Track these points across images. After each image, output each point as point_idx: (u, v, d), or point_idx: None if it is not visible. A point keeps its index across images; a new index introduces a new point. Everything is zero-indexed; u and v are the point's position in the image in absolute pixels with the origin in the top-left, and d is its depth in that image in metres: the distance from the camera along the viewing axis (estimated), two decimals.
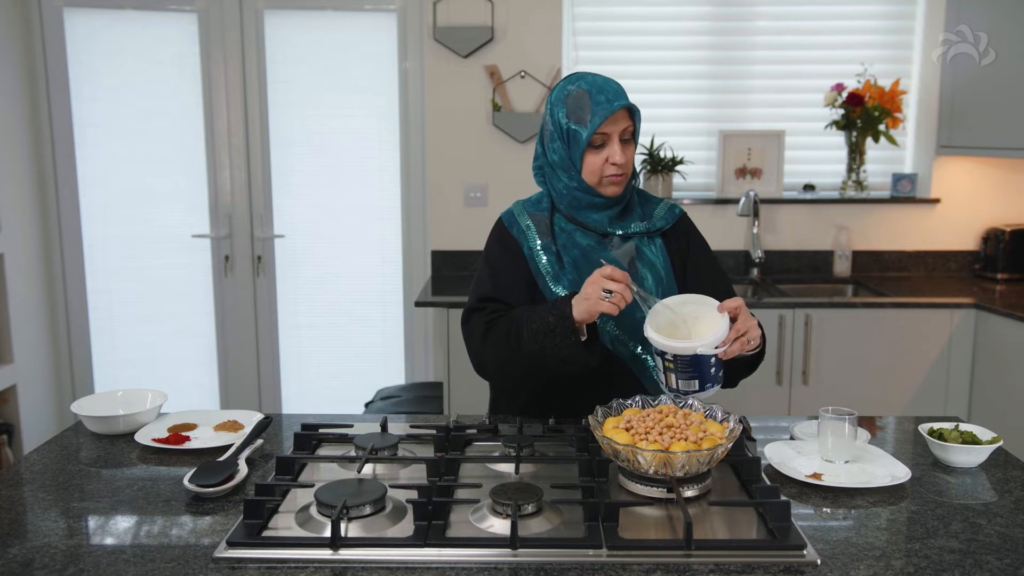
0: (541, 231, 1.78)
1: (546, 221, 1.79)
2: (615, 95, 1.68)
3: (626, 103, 1.67)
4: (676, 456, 1.33)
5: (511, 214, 1.84)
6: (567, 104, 1.70)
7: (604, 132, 1.68)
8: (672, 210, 1.86)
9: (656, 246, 1.80)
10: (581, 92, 1.69)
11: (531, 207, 1.83)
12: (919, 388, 3.17)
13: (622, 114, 1.68)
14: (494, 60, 3.54)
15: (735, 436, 1.42)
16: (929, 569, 1.19)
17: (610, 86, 1.70)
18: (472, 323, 1.75)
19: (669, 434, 1.40)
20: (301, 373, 3.94)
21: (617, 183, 1.72)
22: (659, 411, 1.48)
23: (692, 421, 1.44)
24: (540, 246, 1.76)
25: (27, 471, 1.53)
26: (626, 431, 1.43)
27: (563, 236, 1.77)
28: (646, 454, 1.34)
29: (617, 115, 1.67)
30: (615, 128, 1.68)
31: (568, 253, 1.76)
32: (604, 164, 1.69)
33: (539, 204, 1.83)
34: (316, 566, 1.18)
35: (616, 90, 1.70)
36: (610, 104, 1.66)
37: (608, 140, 1.69)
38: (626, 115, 1.69)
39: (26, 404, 3.56)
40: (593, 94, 1.68)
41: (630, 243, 1.78)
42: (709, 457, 1.35)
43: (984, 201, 3.68)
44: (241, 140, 3.73)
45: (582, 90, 1.69)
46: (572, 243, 1.77)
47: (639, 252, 1.78)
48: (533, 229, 1.79)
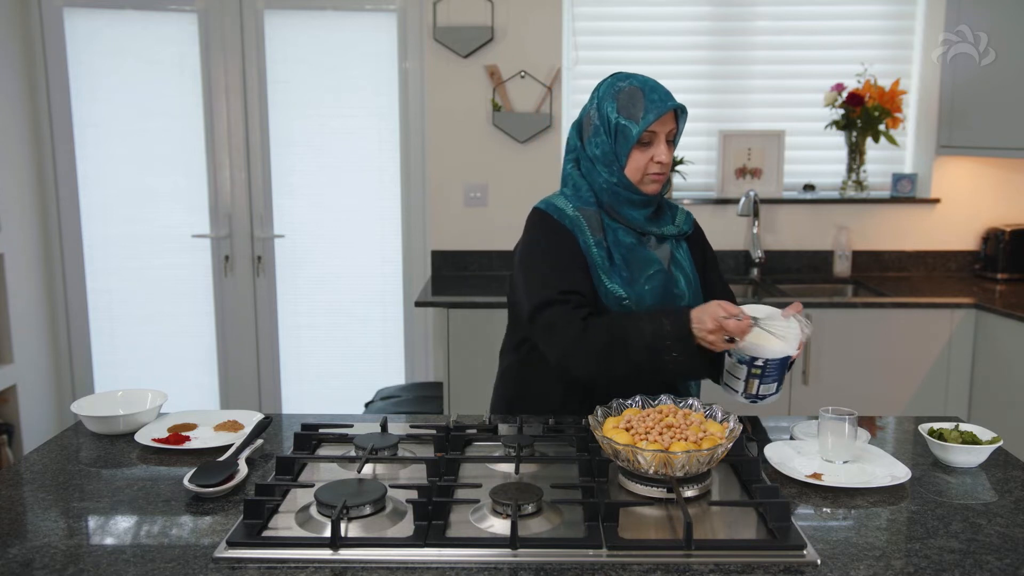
0: (592, 226, 1.75)
1: (597, 216, 1.76)
2: (666, 96, 1.70)
3: (675, 104, 1.69)
4: (676, 456, 1.33)
5: (554, 207, 1.78)
6: (618, 100, 1.71)
7: (653, 130, 1.69)
8: (689, 216, 1.90)
9: (683, 250, 1.84)
10: (634, 89, 1.71)
11: (576, 201, 1.78)
12: (919, 388, 3.17)
13: (670, 115, 1.71)
14: (494, 60, 3.54)
15: (735, 436, 1.42)
16: (929, 569, 1.19)
17: (661, 87, 1.73)
18: (555, 316, 1.67)
19: (669, 434, 1.40)
20: (301, 373, 3.94)
21: (658, 182, 1.74)
22: (659, 411, 1.48)
23: (692, 421, 1.45)
24: (593, 241, 1.73)
25: (27, 471, 1.53)
26: (626, 431, 1.43)
27: (609, 232, 1.76)
28: (646, 454, 1.34)
29: (666, 115, 1.69)
30: (664, 128, 1.70)
31: (618, 250, 1.75)
32: (649, 162, 1.71)
33: (583, 198, 1.78)
34: (316, 566, 1.18)
35: (667, 91, 1.72)
36: (663, 103, 1.68)
37: (655, 139, 1.70)
38: (673, 117, 1.72)
39: (26, 404, 3.56)
40: (647, 92, 1.70)
41: (666, 245, 1.80)
42: (709, 457, 1.35)
43: (984, 201, 3.68)
44: (241, 140, 3.73)
45: (635, 87, 1.71)
46: (617, 240, 1.76)
47: (672, 255, 1.81)
48: (583, 222, 1.75)
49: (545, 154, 3.60)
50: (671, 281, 1.77)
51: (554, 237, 1.75)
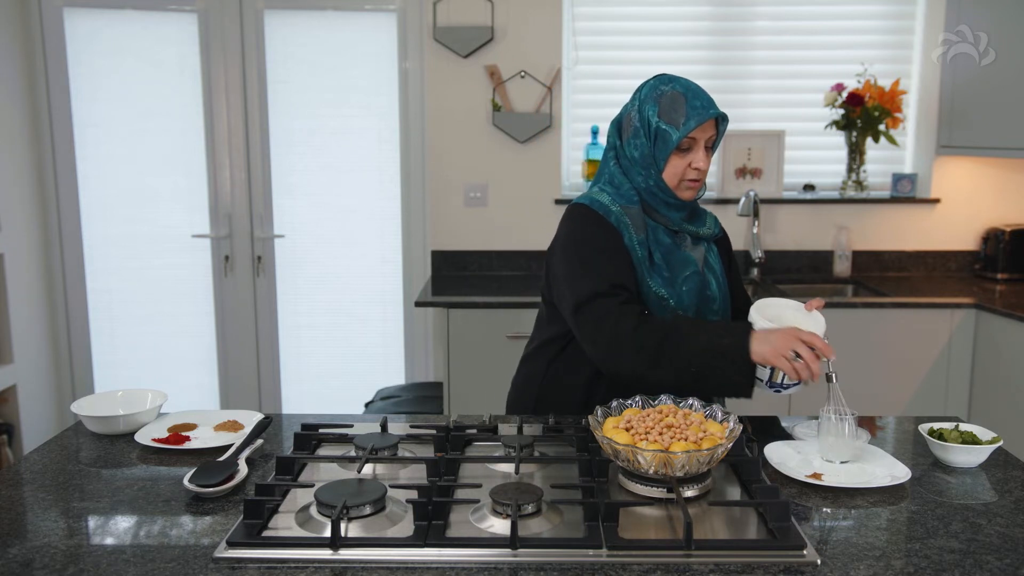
0: (636, 224, 1.73)
1: (640, 214, 1.75)
2: (709, 103, 1.69)
3: (717, 113, 1.68)
4: (676, 456, 1.33)
5: (599, 203, 1.74)
6: (660, 103, 1.70)
7: (693, 137, 1.68)
8: (717, 220, 1.91)
9: (714, 252, 1.84)
10: (676, 94, 1.69)
11: (619, 199, 1.75)
12: (919, 388, 3.17)
13: (711, 122, 1.70)
14: (494, 60, 3.54)
15: (735, 436, 1.42)
16: (929, 569, 1.19)
17: (703, 92, 1.72)
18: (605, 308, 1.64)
19: (669, 434, 1.40)
20: (301, 373, 3.94)
21: (694, 188, 1.74)
22: (659, 411, 1.48)
23: (692, 421, 1.45)
24: (637, 240, 1.73)
25: (27, 471, 1.53)
26: (626, 431, 1.42)
27: (650, 231, 1.76)
28: (646, 454, 1.34)
29: (707, 122, 1.69)
30: (704, 135, 1.69)
31: (659, 250, 1.75)
32: (687, 168, 1.70)
33: (625, 196, 1.75)
34: (316, 566, 1.18)
35: (709, 98, 1.71)
36: (705, 111, 1.67)
37: (695, 145, 1.69)
38: (714, 124, 1.71)
39: (26, 404, 3.56)
40: (689, 98, 1.68)
41: (700, 247, 1.80)
42: (709, 457, 1.35)
43: (984, 201, 3.68)
44: (241, 140, 3.73)
45: (677, 92, 1.69)
46: (656, 239, 1.76)
47: (705, 257, 1.81)
48: (627, 219, 1.73)
49: (545, 154, 3.60)
50: (705, 283, 1.78)
51: (600, 232, 1.72)
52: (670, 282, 1.73)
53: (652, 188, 1.73)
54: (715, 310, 1.79)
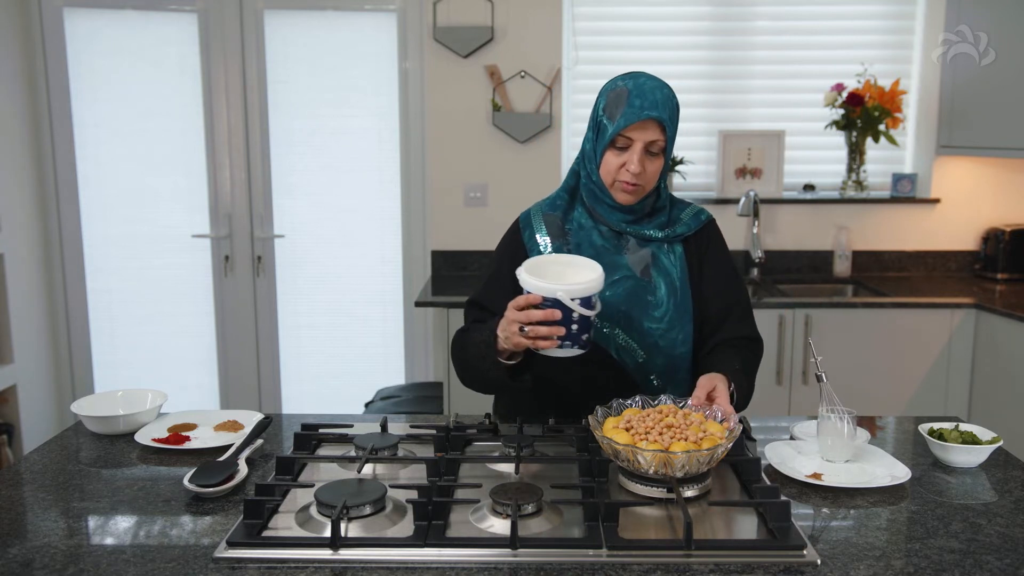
0: (553, 233, 1.74)
1: (558, 222, 1.75)
2: (651, 104, 1.62)
3: (656, 115, 1.61)
4: (676, 456, 1.33)
5: (528, 215, 1.79)
6: (608, 97, 1.68)
7: (629, 136, 1.63)
8: (698, 216, 1.81)
9: (675, 254, 1.75)
10: (623, 90, 1.66)
11: (546, 207, 1.78)
12: (919, 388, 3.17)
13: (653, 125, 1.63)
14: (494, 60, 3.54)
15: (735, 436, 1.41)
16: (929, 569, 1.19)
17: (654, 94, 1.64)
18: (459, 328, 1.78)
19: (669, 434, 1.40)
20: (301, 373, 3.94)
21: (629, 192, 1.67)
22: (659, 411, 1.48)
23: (692, 421, 1.44)
24: (552, 250, 1.72)
25: (27, 471, 1.53)
26: (626, 431, 1.42)
27: (580, 234, 1.73)
28: (646, 454, 1.34)
29: (647, 125, 1.62)
30: (641, 136, 1.63)
31: (581, 254, 1.69)
32: (620, 169, 1.65)
33: (554, 203, 1.78)
34: (316, 566, 1.18)
35: (656, 100, 1.63)
36: (639, 111, 1.61)
37: (631, 146, 1.64)
38: (658, 128, 1.64)
39: (26, 404, 3.56)
40: (632, 96, 1.64)
41: (646, 250, 1.73)
42: (709, 457, 1.35)
43: (984, 201, 3.68)
44: (241, 140, 3.73)
45: (625, 88, 1.66)
46: (588, 242, 1.73)
47: (655, 259, 1.73)
48: (545, 232, 1.75)
49: (545, 154, 3.60)
50: (645, 288, 1.71)
51: (504, 251, 1.80)
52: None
53: (591, 185, 1.72)
54: (657, 317, 1.70)
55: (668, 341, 1.70)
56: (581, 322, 1.48)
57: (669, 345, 1.70)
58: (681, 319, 1.72)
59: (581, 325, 1.49)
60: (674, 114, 1.68)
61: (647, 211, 1.74)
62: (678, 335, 1.71)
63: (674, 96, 1.70)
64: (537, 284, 1.48)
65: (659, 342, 1.70)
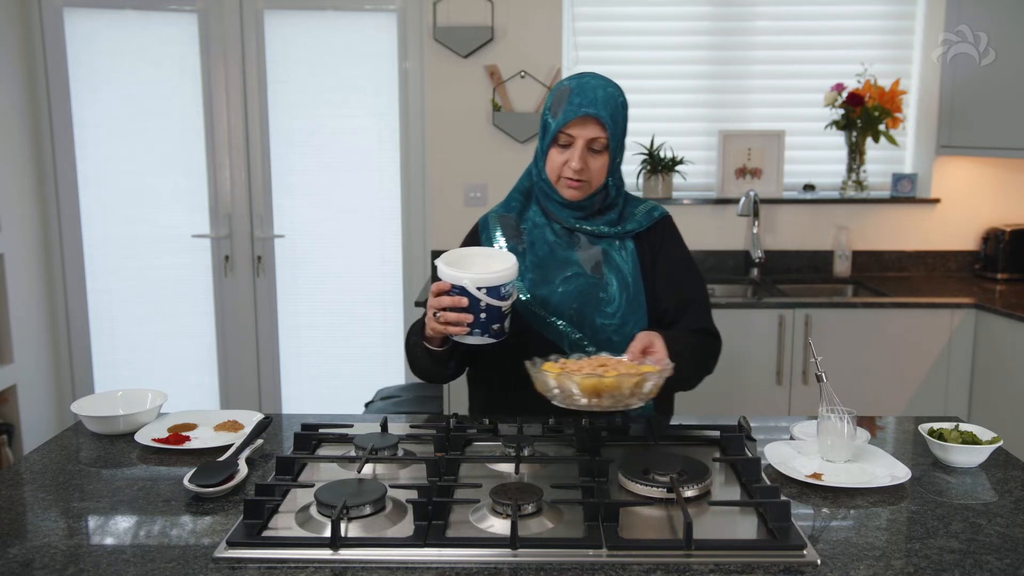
0: (508, 234, 1.80)
1: (512, 222, 1.81)
2: (590, 102, 1.66)
3: (593, 112, 1.65)
4: (606, 380, 1.39)
5: (486, 219, 1.87)
6: (553, 96, 1.73)
7: (570, 134, 1.68)
8: (651, 212, 1.83)
9: (627, 250, 1.78)
10: (565, 88, 1.71)
11: (501, 209, 1.85)
12: (919, 388, 3.17)
13: (593, 123, 1.67)
14: (494, 60, 3.54)
15: (667, 372, 1.47)
16: (929, 569, 1.19)
17: (595, 92, 1.68)
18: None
19: (602, 371, 1.47)
20: (301, 373, 3.94)
21: (574, 188, 1.71)
22: (595, 359, 1.56)
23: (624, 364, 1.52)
24: (507, 247, 1.78)
25: (27, 471, 1.53)
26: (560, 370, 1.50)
27: (534, 232, 1.79)
28: (575, 377, 1.41)
29: (587, 122, 1.67)
30: (582, 134, 1.67)
31: (535, 251, 1.77)
32: (563, 166, 1.70)
33: (508, 205, 1.84)
34: (316, 566, 1.18)
35: (596, 98, 1.67)
36: (577, 108, 1.66)
37: (573, 143, 1.69)
38: (598, 126, 1.67)
39: (26, 404, 3.56)
40: (572, 94, 1.68)
41: (597, 247, 1.77)
42: (637, 383, 1.41)
43: (984, 201, 3.68)
44: (241, 140, 3.73)
45: (568, 87, 1.71)
46: (542, 239, 1.78)
47: (607, 256, 1.77)
48: (500, 234, 1.81)
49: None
50: (596, 284, 1.74)
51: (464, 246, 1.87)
52: (539, 283, 1.73)
53: (540, 183, 1.77)
54: (610, 313, 1.73)
55: (623, 336, 1.73)
56: (490, 311, 1.54)
57: (623, 340, 1.72)
58: (635, 314, 1.75)
59: (490, 314, 1.55)
60: (616, 112, 1.70)
61: (596, 208, 1.78)
62: (632, 330, 1.73)
63: (620, 95, 1.73)
64: (447, 272, 1.55)
65: (613, 337, 1.74)
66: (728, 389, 3.15)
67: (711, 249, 3.70)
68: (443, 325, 1.56)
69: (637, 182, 3.69)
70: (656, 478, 1.39)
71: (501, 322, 1.57)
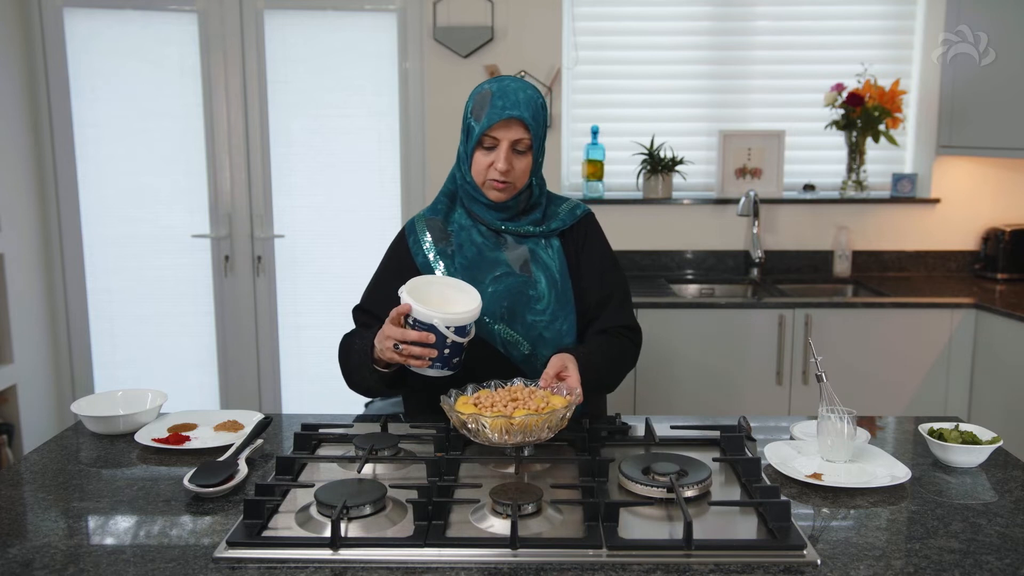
0: (436, 237, 1.81)
1: (439, 225, 1.82)
2: (512, 104, 1.69)
3: (517, 114, 1.68)
4: (515, 421, 1.41)
5: (412, 223, 1.87)
6: (474, 100, 1.75)
7: (494, 136, 1.70)
8: (574, 211, 1.86)
9: (553, 248, 1.81)
10: (487, 92, 1.73)
11: (428, 213, 1.86)
12: (919, 388, 3.17)
13: (516, 124, 1.69)
14: (494, 60, 3.54)
15: (575, 404, 1.49)
16: (929, 569, 1.19)
17: (516, 95, 1.70)
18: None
19: (513, 405, 1.48)
20: (301, 373, 3.94)
21: (500, 190, 1.74)
22: (508, 390, 1.56)
23: (537, 395, 1.52)
24: (435, 253, 1.79)
25: (27, 471, 1.53)
26: (474, 406, 1.50)
27: (461, 234, 1.80)
28: (487, 419, 1.42)
29: (511, 124, 1.69)
30: (506, 135, 1.70)
31: (463, 253, 1.78)
32: (489, 167, 1.72)
33: (435, 208, 1.85)
34: (316, 566, 1.18)
35: (518, 100, 1.70)
36: (500, 111, 1.68)
37: (498, 145, 1.71)
38: (522, 127, 1.70)
39: (26, 404, 3.56)
40: (495, 97, 1.70)
41: (524, 246, 1.79)
42: (547, 421, 1.43)
43: (984, 201, 3.68)
44: (241, 140, 3.73)
45: (488, 91, 1.73)
46: (469, 241, 1.79)
47: (534, 255, 1.79)
48: (428, 237, 1.81)
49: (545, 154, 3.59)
50: (526, 283, 1.76)
51: (390, 257, 1.87)
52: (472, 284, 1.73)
53: (466, 186, 1.78)
54: (540, 310, 1.76)
55: (553, 332, 1.76)
56: (453, 347, 1.56)
57: (555, 336, 1.76)
58: (564, 310, 1.78)
59: (453, 350, 1.57)
60: (538, 113, 1.73)
61: (521, 208, 1.80)
62: (562, 325, 1.77)
63: (539, 97, 1.76)
64: (419, 310, 1.53)
65: (544, 333, 1.76)
66: (728, 389, 3.15)
67: (711, 249, 3.71)
68: (404, 357, 1.55)
69: (637, 182, 3.69)
70: (656, 478, 1.39)
71: (460, 356, 1.60)
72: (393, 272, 1.82)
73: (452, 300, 1.63)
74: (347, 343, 1.78)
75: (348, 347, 1.76)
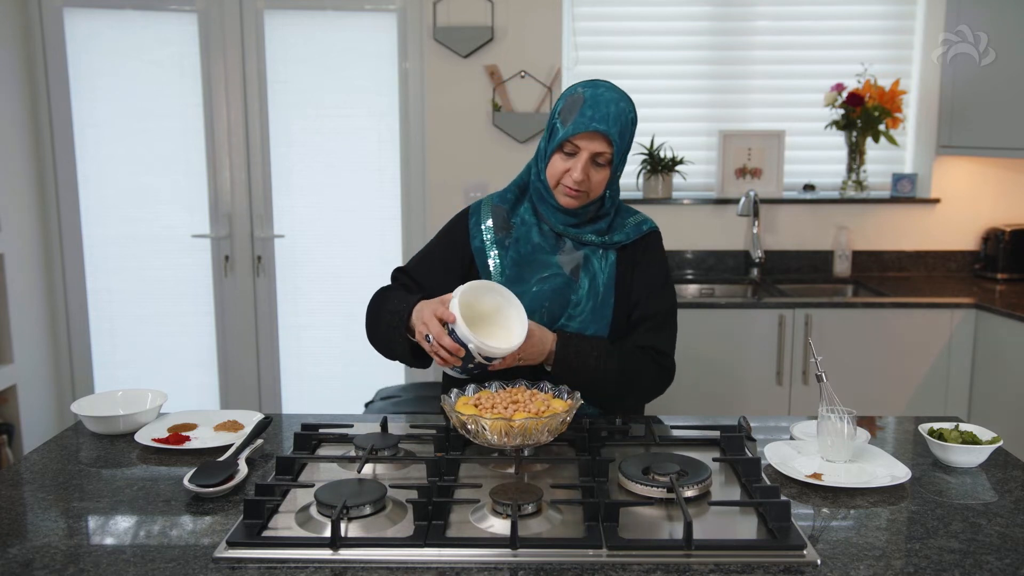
0: (498, 225, 1.81)
1: (504, 214, 1.82)
2: (602, 118, 1.66)
3: (603, 129, 1.65)
4: (515, 424, 1.41)
5: (479, 204, 1.87)
6: (565, 101, 1.72)
7: (576, 144, 1.68)
8: (640, 226, 1.83)
9: (608, 260, 1.79)
10: (579, 97, 1.70)
11: (496, 200, 1.85)
12: (919, 388, 3.17)
13: (600, 138, 1.67)
14: (494, 60, 3.54)
15: (575, 407, 1.49)
16: (929, 569, 1.19)
17: (608, 107, 1.67)
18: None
19: (513, 408, 1.48)
20: (301, 373, 3.94)
21: (571, 197, 1.72)
22: (509, 392, 1.57)
23: (538, 398, 1.53)
24: (492, 239, 1.79)
25: (27, 471, 1.53)
26: (475, 407, 1.51)
27: (521, 228, 1.80)
28: (487, 421, 1.42)
29: (595, 136, 1.67)
30: (589, 146, 1.67)
31: (518, 248, 1.78)
32: (564, 173, 1.70)
33: (504, 196, 1.84)
34: (316, 566, 1.18)
35: (608, 114, 1.66)
36: (588, 122, 1.66)
37: (578, 153, 1.68)
38: (606, 141, 1.67)
39: (26, 404, 3.56)
40: (585, 105, 1.67)
41: (580, 252, 1.78)
42: (547, 425, 1.43)
43: (984, 201, 3.68)
44: (241, 140, 3.73)
45: (581, 95, 1.70)
46: (527, 238, 1.79)
47: (587, 261, 1.78)
48: (490, 223, 1.81)
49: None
50: (568, 286, 1.76)
51: (446, 231, 1.88)
52: (515, 280, 1.74)
53: (538, 184, 1.77)
54: (575, 315, 1.75)
55: None
56: (478, 366, 1.59)
57: None
58: (596, 321, 1.76)
59: (476, 367, 1.59)
60: (625, 129, 1.70)
61: (589, 217, 1.79)
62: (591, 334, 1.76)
63: (631, 110, 1.73)
64: (461, 328, 1.53)
65: None
66: (728, 389, 3.15)
67: (711, 249, 3.71)
68: (431, 349, 1.57)
69: (637, 182, 3.69)
70: (656, 478, 1.39)
71: (482, 371, 1.62)
72: (446, 247, 1.83)
73: (499, 318, 1.62)
74: (381, 299, 1.78)
75: (381, 303, 1.76)
